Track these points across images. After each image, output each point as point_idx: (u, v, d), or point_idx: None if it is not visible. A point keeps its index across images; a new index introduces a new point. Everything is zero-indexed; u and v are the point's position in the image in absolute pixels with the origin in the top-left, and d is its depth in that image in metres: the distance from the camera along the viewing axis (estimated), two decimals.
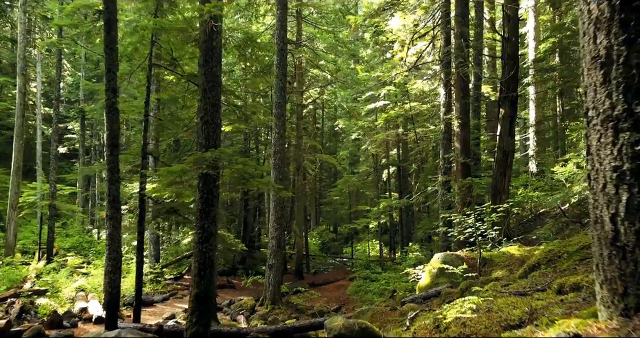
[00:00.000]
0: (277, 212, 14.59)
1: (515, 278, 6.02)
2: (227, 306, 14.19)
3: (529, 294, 4.08)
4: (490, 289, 5.12)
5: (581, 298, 3.10)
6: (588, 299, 3.00)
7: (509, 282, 5.38)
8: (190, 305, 6.78)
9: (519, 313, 3.25)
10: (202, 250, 6.89)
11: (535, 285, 4.58)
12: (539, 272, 5.28)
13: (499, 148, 12.58)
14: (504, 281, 6.00)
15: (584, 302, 3.00)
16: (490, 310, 3.54)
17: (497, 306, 3.70)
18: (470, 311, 3.44)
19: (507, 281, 5.71)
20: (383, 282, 17.22)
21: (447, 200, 13.06)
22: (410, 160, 25.59)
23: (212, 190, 7.04)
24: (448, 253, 8.83)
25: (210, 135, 7.10)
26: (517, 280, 5.57)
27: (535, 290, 4.23)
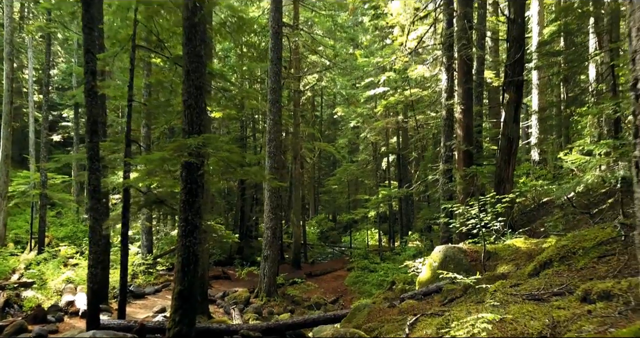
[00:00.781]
0: (272, 201, 14.10)
1: (524, 275, 5.53)
2: (221, 298, 13.77)
3: (545, 299, 3.58)
4: (499, 290, 4.63)
5: (615, 311, 2.60)
6: (625, 313, 2.50)
7: (519, 280, 4.89)
8: (173, 302, 6.31)
9: (539, 326, 2.76)
10: (185, 244, 6.40)
11: (550, 286, 4.08)
12: (552, 271, 4.78)
13: (503, 135, 12.04)
14: (512, 279, 5.51)
15: (620, 316, 2.51)
16: (503, 320, 3.05)
17: (511, 314, 3.21)
18: (485, 333, 2.91)
19: (516, 279, 5.21)
20: (382, 273, 16.82)
21: (448, 190, 12.56)
22: (410, 148, 25.06)
23: (196, 180, 6.52)
24: (450, 246, 8.34)
25: (194, 121, 6.56)
26: (528, 279, 5.07)
27: (552, 293, 3.73)
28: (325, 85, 30.08)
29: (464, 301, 5.78)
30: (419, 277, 8.67)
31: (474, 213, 8.33)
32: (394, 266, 16.86)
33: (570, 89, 23.85)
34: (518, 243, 8.09)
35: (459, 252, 8.07)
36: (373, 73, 24.19)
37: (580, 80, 25.49)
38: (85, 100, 7.81)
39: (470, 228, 8.59)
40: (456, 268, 7.85)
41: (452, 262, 7.98)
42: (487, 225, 8.48)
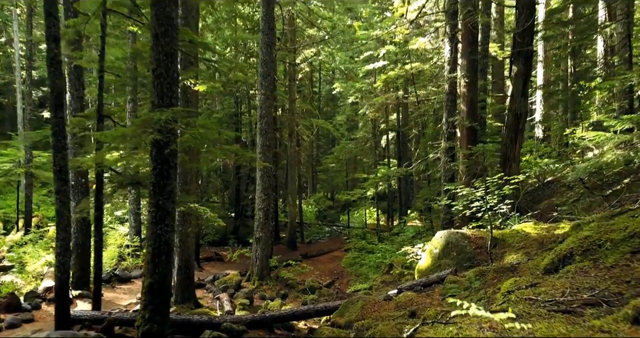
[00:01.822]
0: (264, 181, 13.37)
1: (539, 269, 4.82)
2: (211, 282, 13.19)
3: (577, 312, 2.87)
4: (513, 291, 3.92)
5: None
6: None
7: (535, 279, 4.17)
8: (142, 297, 5.64)
9: None
10: (156, 233, 5.68)
11: (577, 291, 3.37)
12: (575, 267, 4.06)
13: (510, 110, 11.23)
14: (526, 275, 4.81)
15: None
16: None
17: (539, 332, 2.50)
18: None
19: (531, 276, 4.51)
20: (379, 255, 16.24)
21: (450, 169, 11.81)
22: (410, 125, 24.19)
23: (167, 160, 5.76)
24: (452, 231, 7.65)
25: (164, 92, 5.75)
26: (545, 276, 4.36)
27: (584, 303, 3.02)
28: (324, 60, 29.01)
29: (470, 298, 5.10)
30: (418, 265, 8.01)
31: (480, 195, 7.61)
32: (392, 248, 16.26)
33: (577, 63, 22.87)
34: (527, 229, 7.39)
35: (462, 238, 7.38)
36: (372, 46, 23.14)
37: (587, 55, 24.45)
38: (48, 70, 6.98)
39: (474, 211, 7.89)
40: (459, 256, 7.19)
41: (454, 249, 7.30)
42: (493, 208, 7.78)
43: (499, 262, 6.47)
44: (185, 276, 10.32)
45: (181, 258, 10.30)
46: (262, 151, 13.24)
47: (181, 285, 10.31)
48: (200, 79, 9.63)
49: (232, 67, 8.45)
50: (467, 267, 6.98)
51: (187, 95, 10.26)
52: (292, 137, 20.51)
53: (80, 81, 11.04)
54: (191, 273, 10.48)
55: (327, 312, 7.16)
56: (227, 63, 8.94)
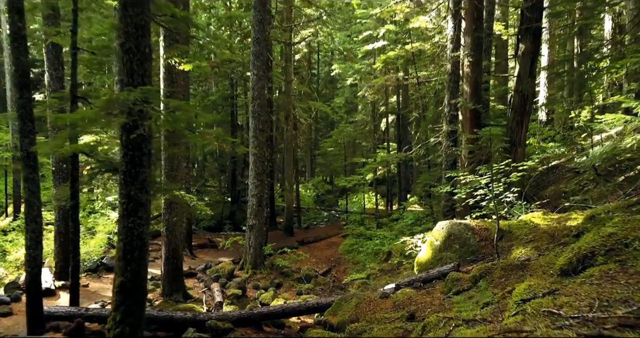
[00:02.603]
0: (257, 166, 12.79)
1: (554, 270, 4.27)
2: (202, 271, 12.71)
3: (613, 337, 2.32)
4: (528, 299, 3.37)
5: None
6: None
7: (552, 285, 3.63)
8: (113, 297, 5.12)
9: None
10: (127, 226, 5.13)
11: (607, 303, 2.82)
12: (600, 271, 3.51)
13: (516, 91, 10.60)
14: (538, 276, 4.27)
15: None
16: None
17: None
18: None
19: (546, 278, 3.96)
20: (377, 242, 15.75)
21: (451, 154, 11.22)
22: (410, 108, 23.50)
23: (139, 146, 5.17)
24: (455, 222, 7.10)
25: (134, 70, 5.12)
26: (563, 279, 3.81)
27: (620, 323, 2.47)
28: (322, 41, 28.14)
29: (475, 300, 4.57)
30: (417, 257, 7.49)
31: (485, 183, 7.05)
32: (391, 234, 15.77)
33: (584, 43, 22.07)
34: (536, 219, 6.84)
35: (465, 230, 6.84)
36: (372, 26, 22.31)
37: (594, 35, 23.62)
38: (11, 46, 6.34)
39: (478, 200, 7.34)
40: (462, 249, 6.65)
41: (457, 242, 6.77)
42: (499, 197, 7.23)
43: (506, 256, 5.94)
44: (173, 267, 9.83)
45: (168, 248, 9.79)
46: (254, 135, 12.63)
47: (169, 277, 9.82)
48: (187, 59, 8.96)
49: (218, 43, 7.76)
50: (471, 261, 6.45)
51: (173, 75, 9.62)
52: (288, 120, 19.85)
53: (59, 60, 10.37)
54: (179, 264, 9.98)
55: (319, 309, 6.67)
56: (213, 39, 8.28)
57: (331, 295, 12.41)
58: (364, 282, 11.89)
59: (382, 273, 12.85)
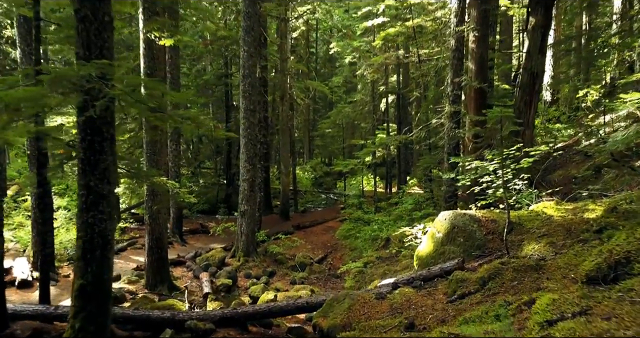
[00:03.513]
0: (248, 149, 12.10)
1: (579, 274, 3.65)
2: (192, 259, 12.15)
3: None
4: (554, 322, 2.75)
5: None
6: None
7: (582, 300, 3.00)
8: (72, 302, 4.50)
9: None
10: (87, 222, 4.49)
11: None
12: None
13: (525, 69, 9.86)
14: (563, 289, 3.64)
15: None
16: None
17: None
18: None
19: (576, 296, 3.32)
20: (375, 227, 15.18)
21: (454, 136, 10.51)
22: (411, 87, 22.65)
23: (99, 130, 4.48)
24: (459, 212, 6.46)
25: (91, 41, 4.40)
26: (592, 291, 3.18)
27: None
28: (320, 18, 27.08)
29: (484, 308, 3.96)
30: (418, 250, 6.87)
31: (493, 169, 6.38)
32: (389, 219, 15.19)
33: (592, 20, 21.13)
34: (548, 210, 6.20)
35: (470, 221, 6.20)
36: (371, 1, 21.30)
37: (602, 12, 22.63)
38: None
39: (484, 187, 6.69)
40: (466, 243, 6.03)
41: (461, 234, 6.14)
42: (508, 185, 6.58)
43: (516, 252, 5.31)
44: (157, 257, 9.25)
45: (152, 237, 9.20)
46: (245, 116, 11.91)
47: (153, 267, 9.25)
48: (168, 33, 8.19)
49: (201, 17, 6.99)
50: (477, 256, 5.84)
51: (153, 52, 8.85)
52: (284, 100, 19.07)
53: (31, 35, 9.56)
54: (164, 253, 9.40)
55: (308, 309, 6.08)
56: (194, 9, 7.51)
57: (326, 284, 11.96)
58: (360, 270, 11.36)
59: (380, 261, 12.30)
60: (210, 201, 23.09)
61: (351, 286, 10.83)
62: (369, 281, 10.53)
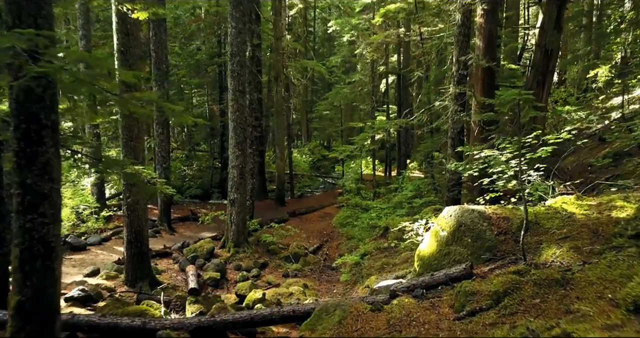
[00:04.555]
0: (238, 134, 11.31)
1: (620, 299, 2.92)
2: (179, 250, 11.48)
3: None
4: None
5: None
6: None
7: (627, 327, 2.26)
8: (10, 321, 3.79)
9: None
10: (24, 227, 3.74)
11: None
12: None
13: (539, 46, 9.01)
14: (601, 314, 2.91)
15: None
16: None
17: None
18: None
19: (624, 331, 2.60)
20: (374, 215, 14.49)
21: (459, 120, 9.70)
22: (411, 68, 21.68)
23: (36, 116, 3.71)
24: (466, 208, 5.71)
25: (22, 8, 3.58)
26: None
27: None
28: None
29: (501, 333, 3.24)
30: (419, 249, 6.14)
31: (506, 159, 5.62)
32: (389, 206, 14.48)
33: None
34: (568, 206, 5.45)
35: (479, 219, 5.46)
36: None
37: None
38: None
39: (495, 179, 5.94)
40: (475, 244, 5.30)
41: (468, 234, 5.41)
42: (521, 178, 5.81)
43: (534, 258, 4.59)
44: (137, 251, 8.55)
45: (130, 230, 8.49)
46: (234, 97, 11.08)
47: (132, 262, 8.57)
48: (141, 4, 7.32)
49: None
50: (487, 260, 5.12)
51: (128, 26, 7.98)
52: (278, 81, 18.15)
53: None
54: (144, 247, 8.69)
55: (294, 318, 5.38)
56: None
57: (321, 277, 11.29)
58: (357, 263, 10.69)
59: (378, 251, 11.64)
60: (205, 185, 22.37)
61: (347, 280, 10.19)
62: (365, 275, 9.87)
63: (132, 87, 7.86)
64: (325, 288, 9.98)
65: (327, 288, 10.03)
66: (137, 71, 8.06)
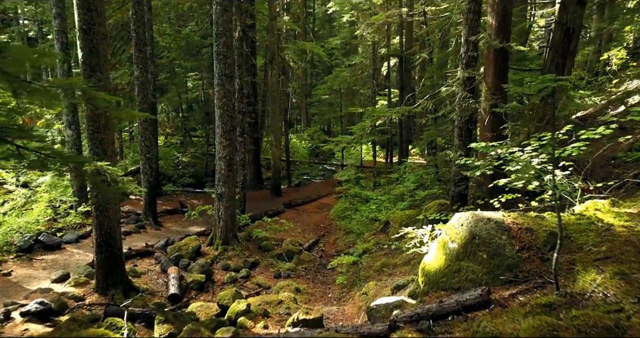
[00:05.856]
0: (225, 122, 10.35)
1: None
2: (162, 249, 10.62)
3: None
4: None
5: None
6: None
7: None
8: None
9: None
10: None
11: None
12: None
13: (559, 24, 7.98)
14: None
15: None
16: None
17: None
18: None
19: None
20: (374, 207, 13.61)
21: (467, 107, 8.71)
22: (414, 50, 20.53)
23: None
24: (480, 216, 4.79)
25: None
26: None
27: None
28: None
29: None
30: (424, 262, 5.24)
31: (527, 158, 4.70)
32: (389, 199, 13.59)
33: None
34: (604, 215, 4.54)
35: (497, 231, 4.55)
36: None
37: None
38: None
39: (512, 180, 5.02)
40: (492, 262, 4.41)
41: (484, 249, 4.51)
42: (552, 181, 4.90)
43: (568, 284, 3.69)
44: (108, 255, 7.68)
45: (100, 232, 7.61)
46: (220, 82, 10.09)
47: (103, 268, 7.71)
48: None
49: None
50: (507, 281, 4.23)
51: (89, 1, 6.97)
52: (273, 64, 17.10)
53: None
54: (116, 250, 7.82)
55: None
56: None
57: (315, 278, 10.41)
58: (355, 262, 9.86)
59: (378, 248, 10.80)
60: (199, 174, 21.46)
61: (343, 282, 9.36)
62: (363, 277, 9.03)
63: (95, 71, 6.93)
64: (319, 292, 9.15)
65: (321, 291, 9.20)
66: (101, 52, 7.10)
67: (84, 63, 7.17)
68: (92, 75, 7.16)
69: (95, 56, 7.15)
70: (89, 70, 7.17)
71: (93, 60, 7.16)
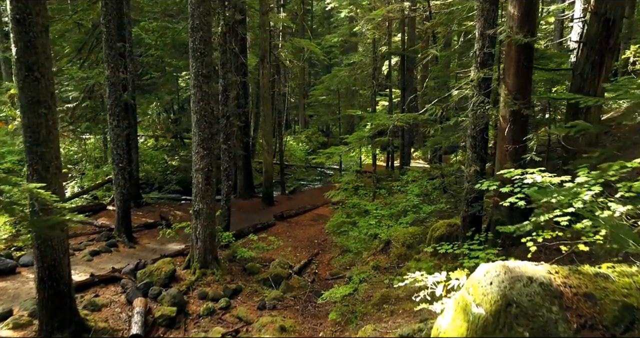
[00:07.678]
0: (202, 129, 9.05)
1: None
2: (131, 274, 9.30)
3: None
4: None
5: None
6: None
7: None
8: None
9: None
10: None
11: None
12: None
13: (595, 14, 6.69)
14: None
15: None
16: None
17: None
18: None
19: None
20: (374, 222, 12.26)
21: (482, 115, 7.40)
22: (417, 47, 19.20)
23: None
24: (515, 271, 3.46)
25: None
26: None
27: None
28: None
29: None
30: (438, 329, 3.91)
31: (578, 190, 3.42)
32: (391, 213, 12.27)
33: None
34: None
35: (543, 298, 3.23)
36: None
37: None
38: None
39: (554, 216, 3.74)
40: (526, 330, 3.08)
41: (524, 323, 3.19)
42: None
43: None
44: (53, 292, 6.40)
45: (41, 265, 6.33)
46: (196, 84, 8.81)
47: (46, 308, 6.42)
48: None
49: None
50: None
51: None
52: (264, 62, 15.78)
53: None
54: (63, 287, 6.53)
55: None
56: None
57: (305, 310, 9.01)
58: (350, 294, 8.54)
59: (378, 272, 9.51)
60: (187, 179, 20.12)
61: (336, 319, 8.05)
62: (360, 315, 7.70)
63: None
64: (309, 329, 7.86)
65: (311, 328, 7.90)
66: (40, 48, 5.80)
67: (18, 60, 5.88)
68: (28, 75, 5.87)
69: (32, 52, 5.86)
70: (25, 69, 5.88)
71: (30, 58, 5.87)
